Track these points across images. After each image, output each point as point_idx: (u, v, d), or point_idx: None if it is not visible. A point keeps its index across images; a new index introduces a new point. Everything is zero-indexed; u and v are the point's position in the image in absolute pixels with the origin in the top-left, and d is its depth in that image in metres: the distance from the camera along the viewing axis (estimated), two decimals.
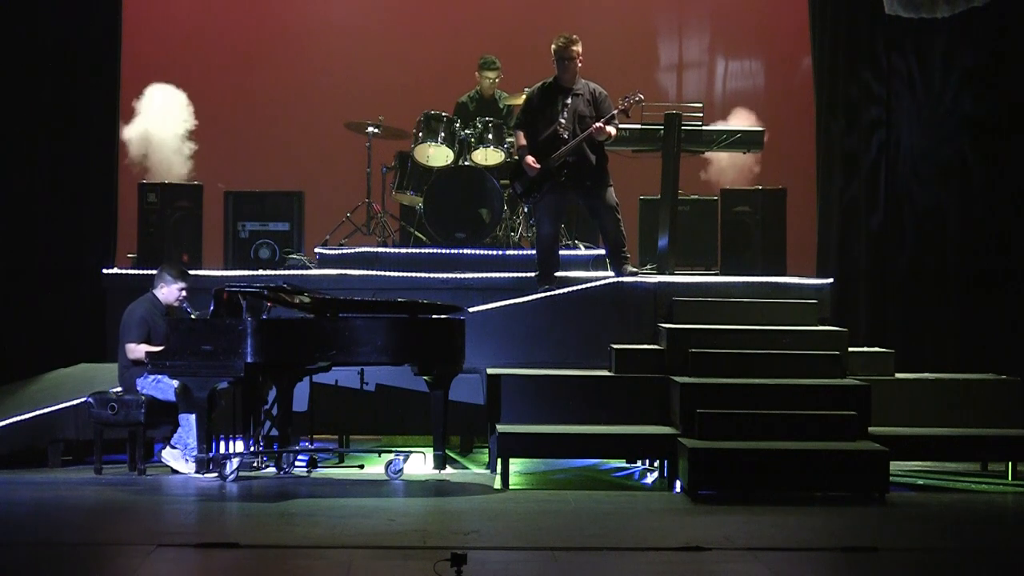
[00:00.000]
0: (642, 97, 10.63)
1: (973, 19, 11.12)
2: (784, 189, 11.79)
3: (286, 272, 11.18)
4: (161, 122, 11.87)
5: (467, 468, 9.89)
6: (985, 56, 11.43)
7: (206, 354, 8.97)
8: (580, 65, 10.47)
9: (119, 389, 9.50)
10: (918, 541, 7.45)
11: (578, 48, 10.37)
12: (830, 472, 8.63)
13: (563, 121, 10.44)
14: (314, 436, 10.05)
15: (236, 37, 13.96)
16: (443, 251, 11.43)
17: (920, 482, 9.35)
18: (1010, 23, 11.32)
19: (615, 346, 9.79)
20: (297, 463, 9.50)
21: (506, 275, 10.89)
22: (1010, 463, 9.41)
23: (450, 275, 10.86)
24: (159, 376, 9.27)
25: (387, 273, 10.96)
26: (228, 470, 8.97)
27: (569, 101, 10.46)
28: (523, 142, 10.60)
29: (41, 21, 11.21)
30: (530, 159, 10.47)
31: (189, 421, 9.19)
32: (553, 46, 10.42)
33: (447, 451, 9.62)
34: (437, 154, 11.79)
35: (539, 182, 10.49)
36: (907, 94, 11.59)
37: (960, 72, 11.49)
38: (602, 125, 10.36)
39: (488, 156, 11.77)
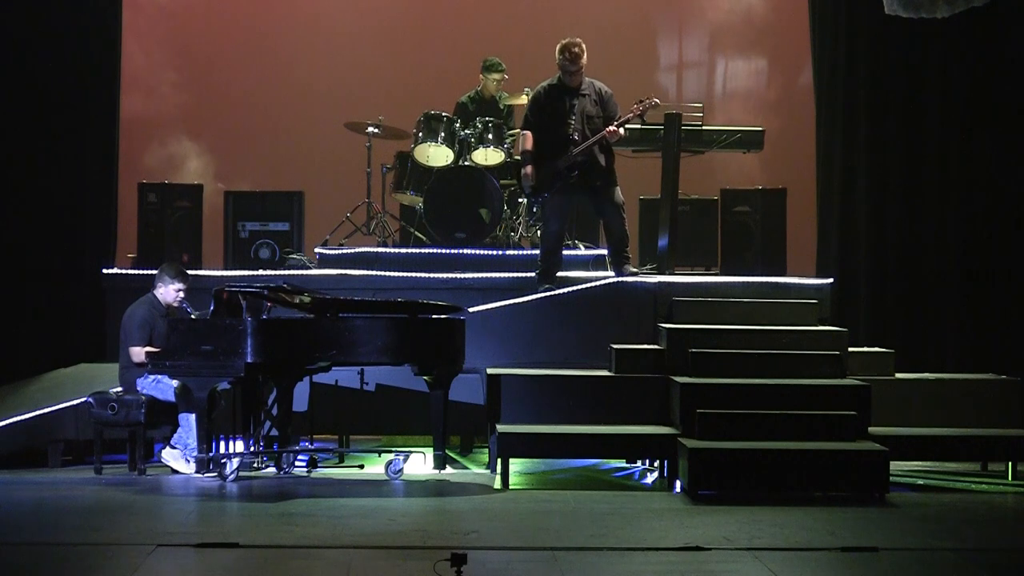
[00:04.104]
0: (657, 101, 10.65)
1: (973, 19, 11.12)
2: (784, 189, 11.80)
3: (286, 272, 11.18)
4: None
5: (467, 468, 9.89)
6: (983, 55, 11.44)
7: (206, 354, 8.97)
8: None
9: (119, 389, 9.50)
10: (918, 541, 7.44)
11: (584, 59, 10.35)
12: (830, 472, 8.63)
13: (572, 122, 10.43)
14: (314, 436, 10.05)
15: (236, 37, 13.97)
16: (443, 251, 11.43)
17: (920, 482, 9.35)
18: (1010, 23, 11.33)
19: (615, 346, 9.78)
20: (297, 463, 9.50)
21: (506, 275, 10.89)
22: (1010, 463, 9.41)
23: (450, 275, 10.86)
24: (159, 376, 9.28)
25: (387, 273, 10.96)
26: (228, 470, 8.97)
27: (576, 102, 10.45)
28: (527, 145, 10.55)
29: (41, 20, 11.21)
30: (528, 169, 10.47)
31: (189, 421, 9.20)
32: (559, 57, 10.34)
33: (447, 451, 9.62)
34: (437, 154, 11.79)
35: (549, 182, 10.48)
36: (906, 94, 11.60)
37: (959, 71, 11.50)
38: (615, 128, 10.38)
39: (488, 156, 11.77)
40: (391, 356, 9.20)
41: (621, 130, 10.45)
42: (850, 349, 9.86)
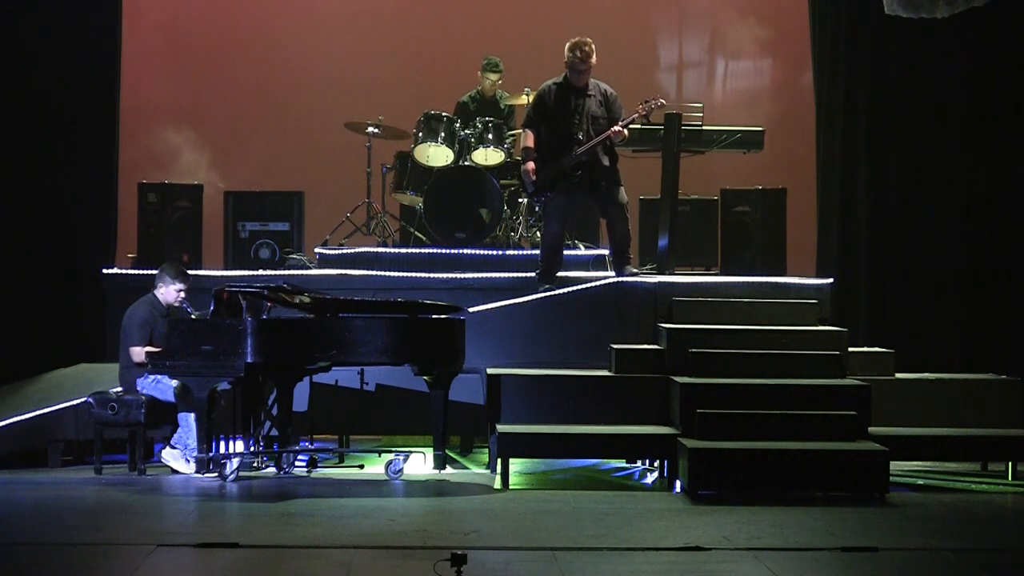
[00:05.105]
0: (663, 102, 10.67)
1: (973, 19, 11.11)
2: (784, 189, 11.80)
3: (286, 272, 11.18)
4: None
5: (467, 468, 9.90)
6: (983, 55, 11.45)
7: (206, 354, 8.97)
8: None
9: (119, 389, 9.50)
10: (918, 541, 7.44)
11: (594, 59, 10.34)
12: (830, 472, 8.63)
13: (577, 121, 10.42)
14: (314, 436, 10.05)
15: (236, 37, 13.97)
16: (443, 251, 11.43)
17: (920, 482, 9.36)
18: (1010, 23, 11.33)
19: (615, 346, 9.78)
20: (297, 463, 9.50)
21: (506, 275, 10.89)
22: (1010, 463, 9.41)
23: (450, 275, 10.85)
24: (159, 376, 9.28)
25: (387, 273, 10.96)
26: (228, 470, 8.97)
27: (582, 101, 10.44)
28: (530, 143, 10.55)
29: (41, 20, 11.21)
30: (531, 165, 10.47)
31: (189, 421, 9.20)
32: (569, 55, 10.32)
33: (447, 451, 9.62)
34: (437, 154, 11.79)
35: (552, 182, 10.48)
36: (906, 93, 11.61)
37: (959, 71, 11.51)
38: (620, 129, 10.38)
39: (488, 156, 11.77)
40: (391, 356, 9.20)
41: (626, 130, 10.47)
42: (850, 349, 9.86)
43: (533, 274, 10.70)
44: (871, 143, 11.63)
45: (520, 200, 11.89)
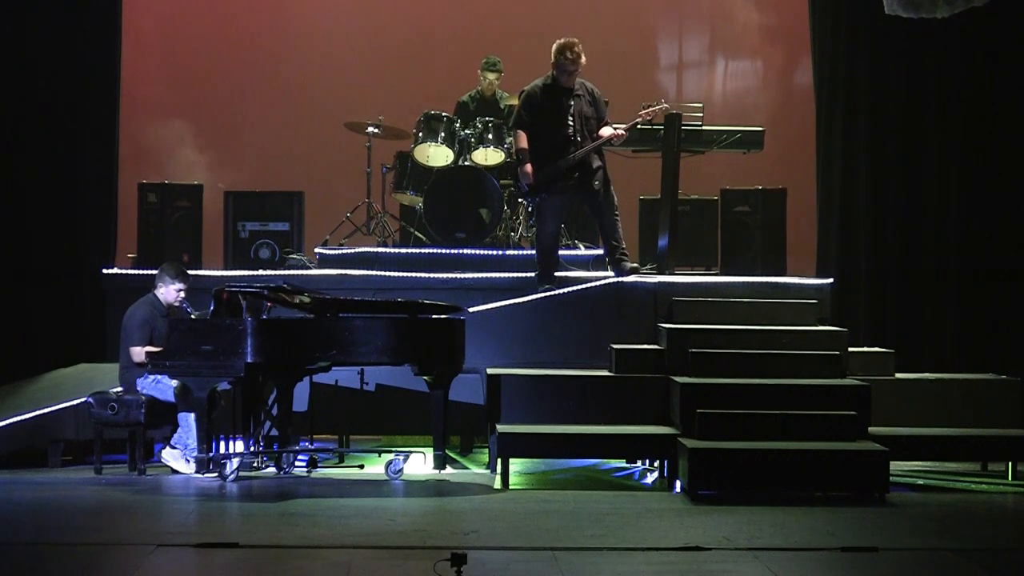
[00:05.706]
0: (668, 105, 10.68)
1: (973, 19, 11.11)
2: (784, 189, 11.80)
3: (286, 272, 11.18)
4: None
5: (467, 468, 9.90)
6: (982, 56, 11.45)
7: (206, 354, 8.97)
8: None
9: (119, 389, 9.51)
10: (918, 541, 7.45)
11: (584, 60, 10.35)
12: (830, 472, 8.63)
13: (571, 123, 10.43)
14: (314, 436, 10.05)
15: (236, 37, 13.97)
16: (443, 251, 11.43)
17: (920, 482, 9.36)
18: (1010, 23, 11.33)
19: (615, 346, 9.79)
20: (297, 463, 9.50)
21: (506, 275, 10.89)
22: (1010, 463, 9.42)
23: (450, 275, 10.86)
24: (159, 376, 9.28)
25: (387, 273, 10.96)
26: (228, 470, 8.97)
27: (572, 102, 10.45)
28: (524, 144, 10.55)
29: (41, 20, 11.21)
30: (528, 168, 10.46)
31: (189, 421, 9.20)
32: (559, 56, 10.33)
33: (447, 451, 9.63)
34: (437, 154, 11.79)
35: (547, 182, 10.47)
36: (906, 94, 11.61)
37: (959, 71, 11.51)
38: (624, 132, 10.41)
39: (488, 156, 11.77)
40: (391, 356, 9.21)
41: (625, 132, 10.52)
42: (850, 349, 9.86)
43: (533, 274, 10.70)
44: (871, 143, 11.63)
45: (520, 200, 11.89)
